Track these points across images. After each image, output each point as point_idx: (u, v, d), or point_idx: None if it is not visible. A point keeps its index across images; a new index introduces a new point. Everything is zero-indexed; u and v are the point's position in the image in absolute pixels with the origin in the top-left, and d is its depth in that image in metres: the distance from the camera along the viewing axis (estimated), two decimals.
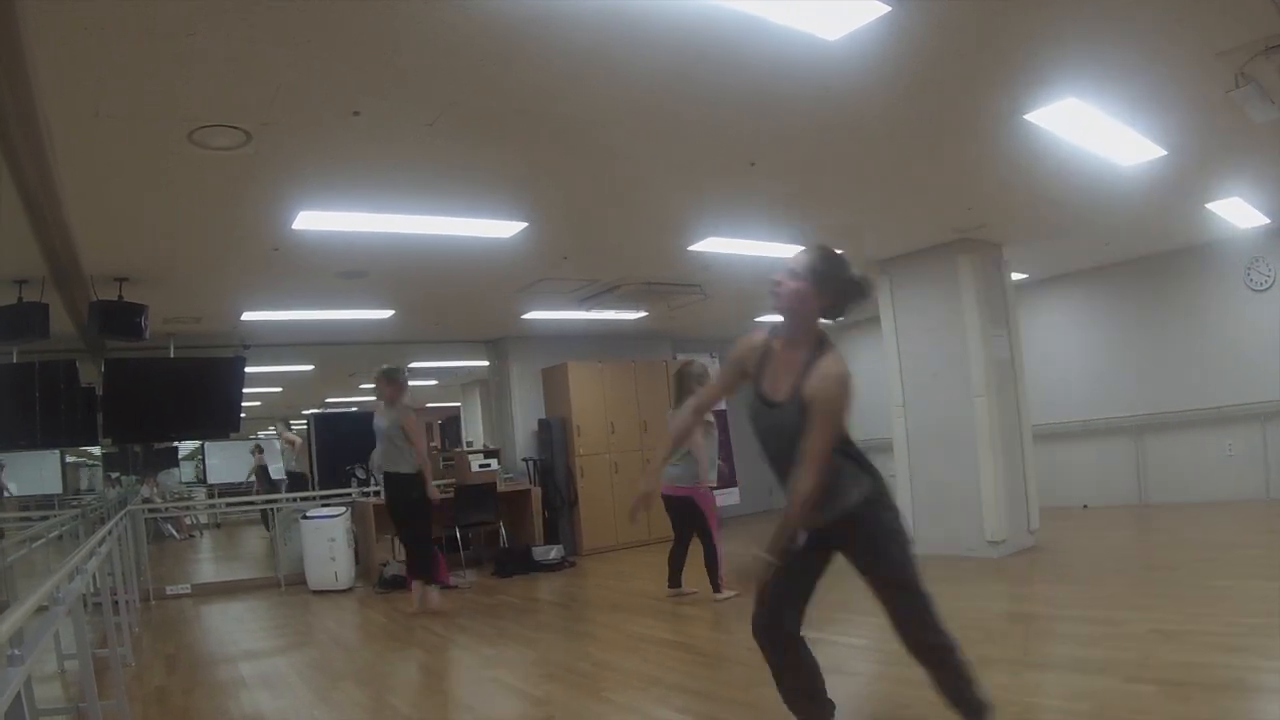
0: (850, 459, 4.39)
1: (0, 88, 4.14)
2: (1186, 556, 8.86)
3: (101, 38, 4.01)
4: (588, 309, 12.06)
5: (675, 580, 9.54)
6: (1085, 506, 13.02)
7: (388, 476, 9.52)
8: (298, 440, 17.20)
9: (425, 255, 8.55)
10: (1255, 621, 6.03)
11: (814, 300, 4.29)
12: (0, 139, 4.73)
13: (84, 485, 14.72)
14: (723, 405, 16.45)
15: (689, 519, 9.35)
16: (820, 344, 4.32)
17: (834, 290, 4.35)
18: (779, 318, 4.31)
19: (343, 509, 12.14)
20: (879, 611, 4.44)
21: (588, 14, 4.27)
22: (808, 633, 4.35)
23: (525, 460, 14.40)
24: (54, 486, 13.30)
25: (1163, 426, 12.42)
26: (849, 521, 4.29)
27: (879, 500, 4.43)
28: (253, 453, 18.77)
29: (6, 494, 12.07)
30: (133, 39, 4.06)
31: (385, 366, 9.67)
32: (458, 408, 22.82)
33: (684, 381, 9.13)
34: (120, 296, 8.36)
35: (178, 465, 17.77)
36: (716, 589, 9.03)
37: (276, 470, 18.12)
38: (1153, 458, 12.61)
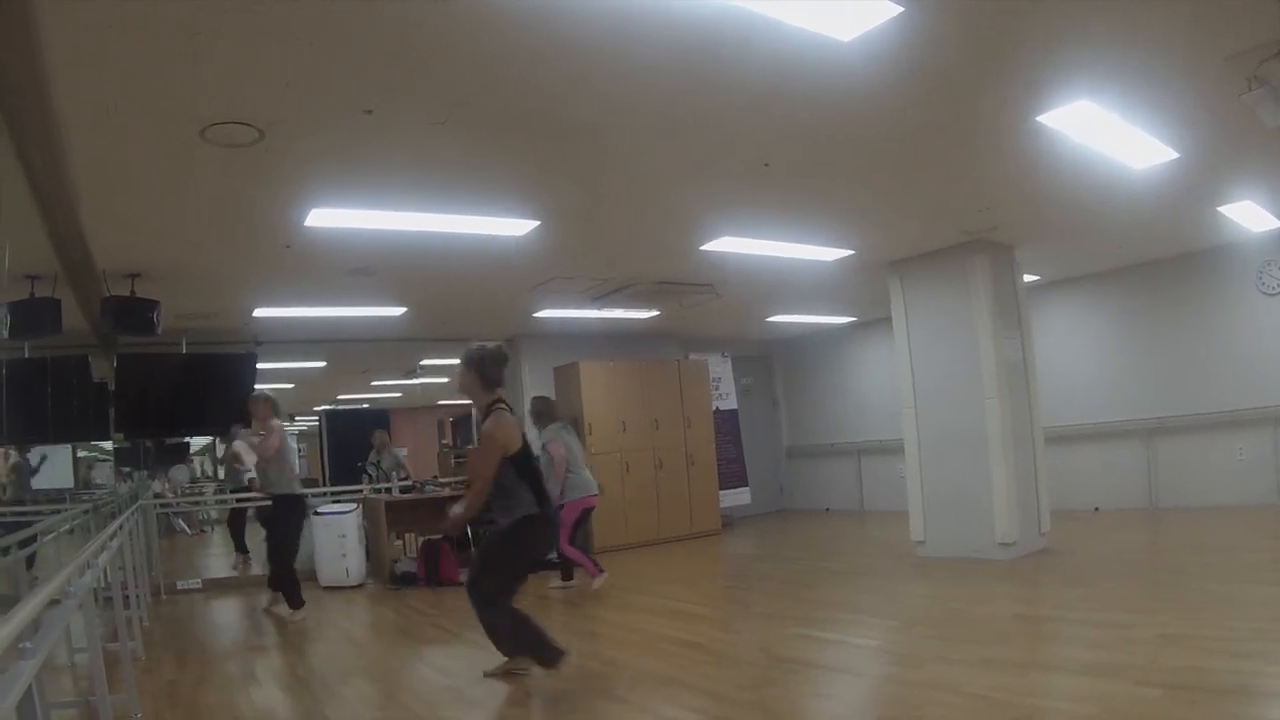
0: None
1: (14, 86, 4.16)
2: (1196, 560, 8.84)
3: (114, 36, 4.02)
4: (599, 308, 12.07)
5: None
6: (1096, 509, 12.99)
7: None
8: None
9: (437, 253, 8.56)
10: (1262, 626, 6.02)
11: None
12: (14, 137, 4.75)
13: (95, 480, 14.74)
14: (734, 406, 16.49)
15: None
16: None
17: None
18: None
19: (354, 505, 12.17)
20: (889, 613, 4.46)
21: (600, 13, 4.27)
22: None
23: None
24: (65, 481, 13.33)
25: (1174, 430, 12.39)
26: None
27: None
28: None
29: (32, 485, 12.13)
30: (145, 37, 4.07)
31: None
32: (469, 405, 22.82)
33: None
34: (133, 292, 8.38)
35: (188, 461, 17.73)
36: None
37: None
38: (1163, 461, 12.58)
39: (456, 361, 6.82)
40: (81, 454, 14.13)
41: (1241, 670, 5.14)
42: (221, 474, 20.72)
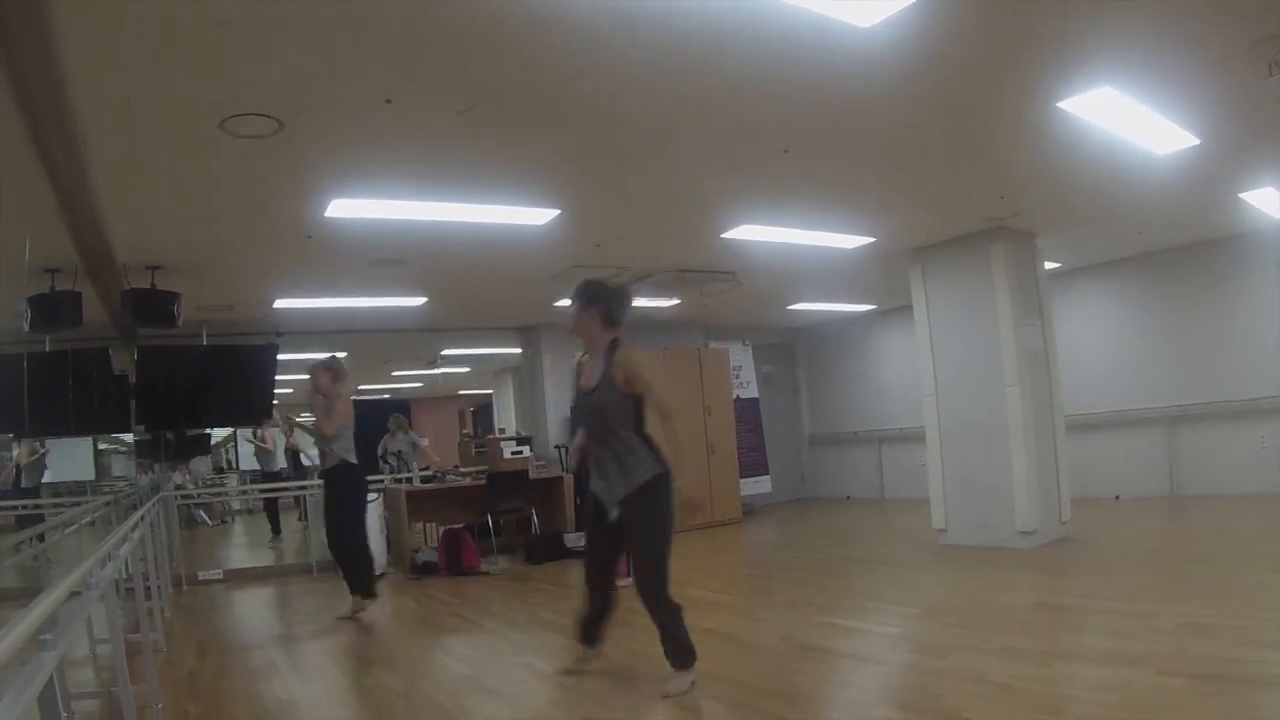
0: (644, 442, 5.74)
1: (33, 79, 4.16)
2: (1218, 549, 8.80)
3: (133, 28, 4.02)
4: None
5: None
6: (1117, 498, 12.95)
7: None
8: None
9: (458, 243, 8.57)
10: None
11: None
12: (34, 130, 4.75)
13: (116, 472, 14.80)
14: (755, 394, 16.48)
15: None
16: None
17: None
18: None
19: (375, 495, 12.19)
20: (911, 601, 4.47)
21: (619, 1, 4.26)
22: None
23: (557, 447, 14.41)
24: (87, 473, 13.37)
25: (1195, 418, 12.34)
26: (636, 496, 5.68)
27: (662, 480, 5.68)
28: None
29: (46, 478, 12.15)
30: (164, 29, 4.07)
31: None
32: (490, 395, 22.90)
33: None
34: (153, 285, 8.41)
35: (209, 452, 17.80)
36: None
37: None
38: (1185, 449, 12.52)
39: (472, 353, 6.81)
40: (102, 446, 14.17)
41: (1266, 660, 5.12)
42: (242, 465, 20.83)
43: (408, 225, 7.81)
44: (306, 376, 9.10)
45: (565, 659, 6.40)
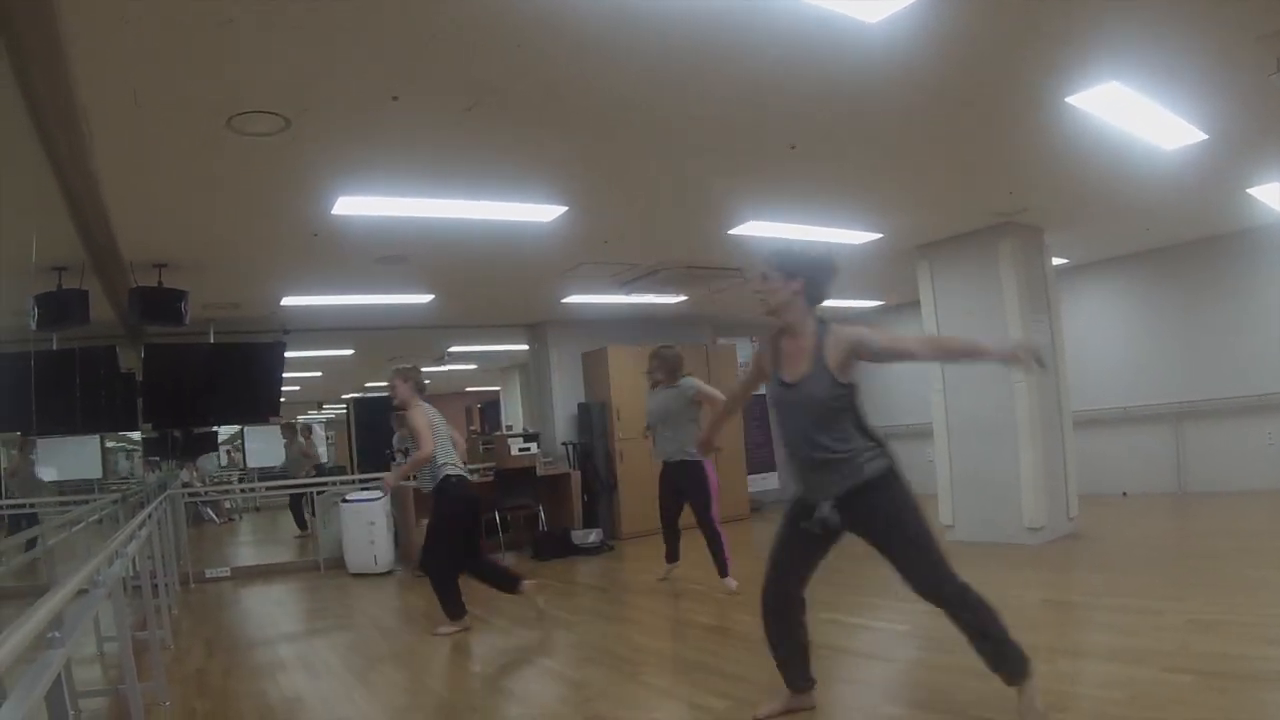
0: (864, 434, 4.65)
1: (39, 77, 4.16)
2: (1225, 546, 8.79)
3: (139, 26, 4.02)
4: (628, 293, 12.06)
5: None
6: (1124, 494, 12.93)
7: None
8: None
9: (465, 240, 8.57)
10: None
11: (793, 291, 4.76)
12: (40, 127, 4.75)
13: (123, 470, 14.82)
14: (762, 390, 16.47)
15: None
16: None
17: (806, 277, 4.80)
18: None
19: (381, 492, 12.20)
20: (917, 598, 4.45)
21: None
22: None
23: (565, 444, 14.44)
24: (94, 471, 13.40)
25: (1203, 414, 12.32)
26: (864, 492, 4.61)
27: (892, 472, 4.68)
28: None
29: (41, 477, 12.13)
30: (170, 26, 4.07)
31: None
32: (497, 392, 22.93)
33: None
34: (160, 282, 8.41)
35: (217, 450, 17.83)
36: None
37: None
38: (1192, 446, 12.50)
39: (479, 350, 6.78)
40: (109, 444, 14.20)
41: (1272, 656, 5.11)
42: (250, 462, 20.83)
43: (415, 222, 7.81)
44: (317, 374, 8.99)
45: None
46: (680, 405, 8.97)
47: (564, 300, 12.71)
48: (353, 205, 7.21)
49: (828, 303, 4.76)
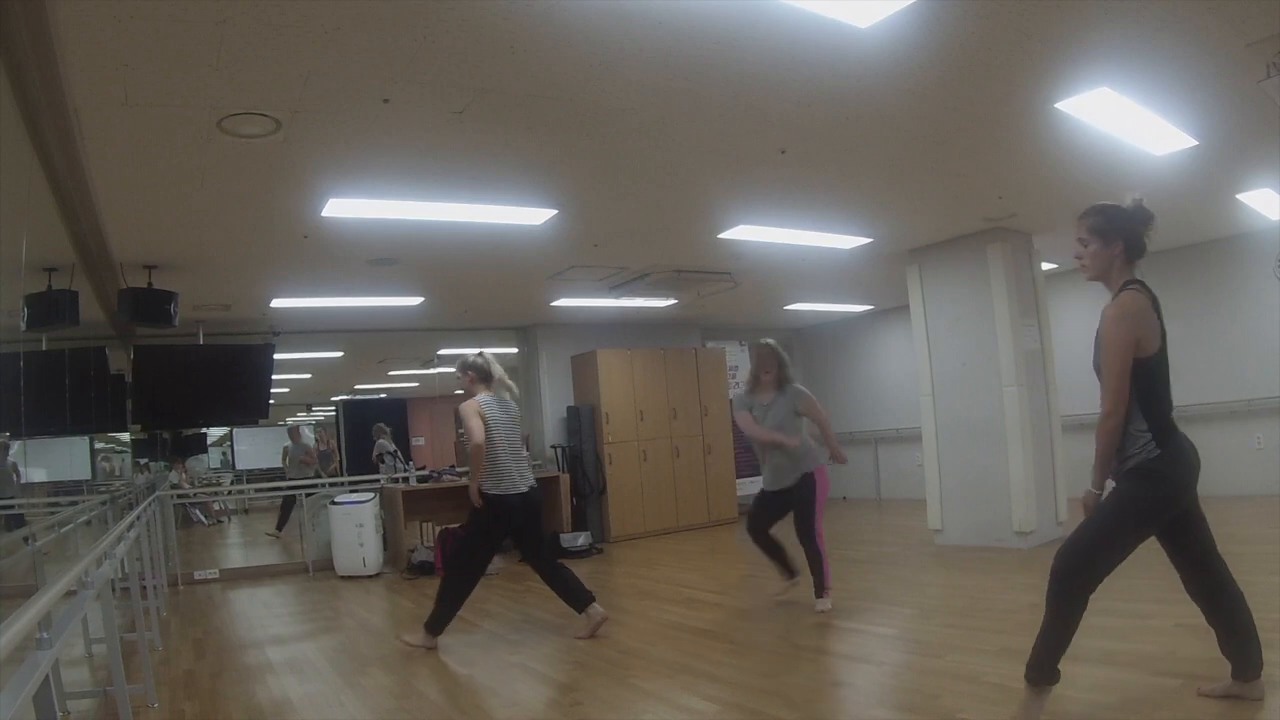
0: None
1: (30, 76, 4.16)
2: None
3: (131, 26, 4.02)
4: (617, 296, 12.08)
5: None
6: None
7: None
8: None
9: (455, 243, 8.58)
10: None
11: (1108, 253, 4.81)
12: (30, 127, 4.76)
13: (113, 471, 14.78)
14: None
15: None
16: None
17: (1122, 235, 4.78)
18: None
19: (371, 494, 12.20)
20: (907, 601, 4.47)
21: (617, 1, 4.26)
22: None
23: (554, 447, 14.46)
24: (83, 473, 13.37)
25: (1190, 418, 12.28)
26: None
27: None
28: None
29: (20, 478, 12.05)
30: (162, 27, 4.07)
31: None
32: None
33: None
34: (150, 284, 8.42)
35: (206, 451, 17.77)
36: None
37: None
38: None
39: (469, 352, 6.75)
40: (99, 445, 14.17)
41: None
42: (238, 464, 20.76)
43: (405, 225, 7.81)
44: (306, 376, 8.86)
45: None
46: (789, 416, 7.92)
47: (554, 303, 12.73)
48: (343, 207, 7.21)
49: (817, 306, 4.71)
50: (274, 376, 11.73)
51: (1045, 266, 11.44)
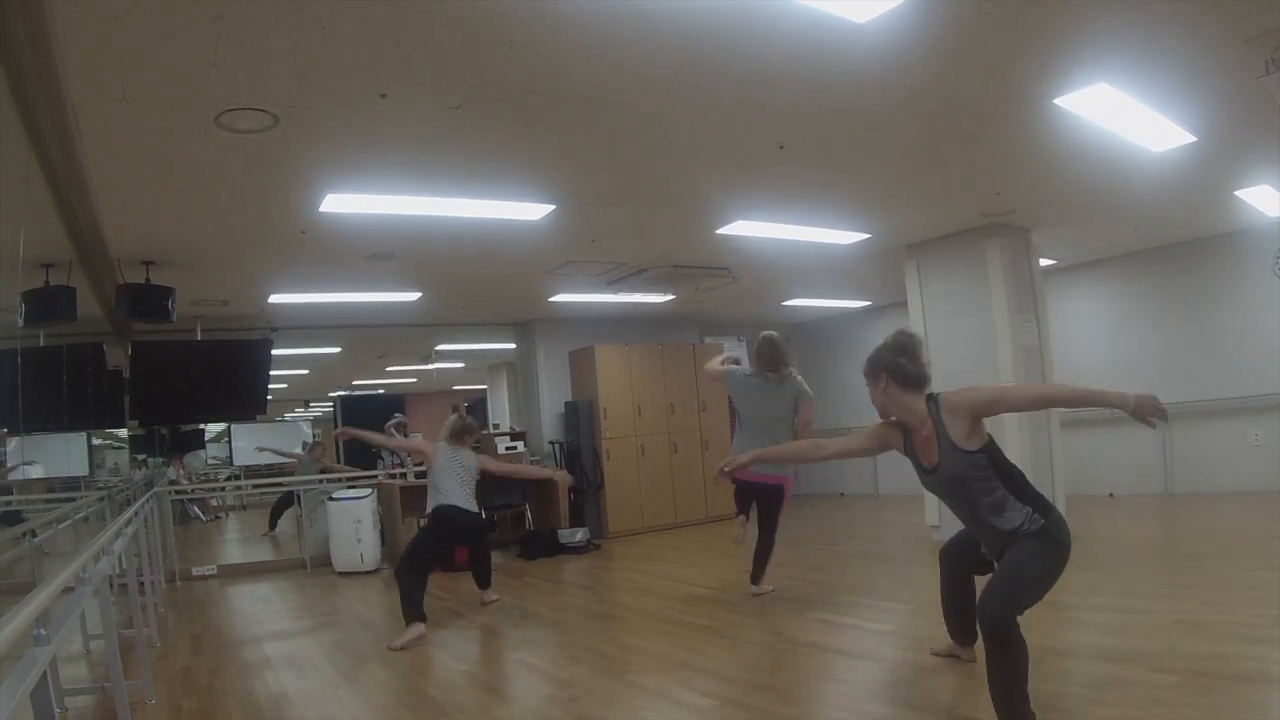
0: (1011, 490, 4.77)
1: (27, 71, 4.15)
2: (1212, 546, 8.81)
3: (128, 21, 4.01)
4: (615, 292, 12.06)
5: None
6: (1111, 495, 12.95)
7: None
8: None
9: (453, 238, 8.56)
10: None
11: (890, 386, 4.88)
12: (27, 122, 4.75)
13: (111, 467, 14.77)
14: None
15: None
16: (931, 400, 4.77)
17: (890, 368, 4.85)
18: None
19: (369, 490, 12.20)
20: (905, 597, 4.46)
21: None
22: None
23: (552, 443, 14.47)
24: (80, 469, 13.36)
25: (1189, 415, 12.33)
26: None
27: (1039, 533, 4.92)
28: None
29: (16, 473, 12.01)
30: (159, 22, 4.06)
31: None
32: (484, 390, 22.89)
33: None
34: (147, 279, 8.40)
35: (204, 447, 17.77)
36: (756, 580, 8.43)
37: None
38: (1178, 447, 12.52)
39: (467, 348, 6.75)
40: (96, 441, 14.16)
41: (1257, 656, 5.13)
42: (234, 460, 20.76)
43: (402, 220, 7.79)
44: (304, 372, 8.92)
45: None
46: (780, 404, 8.33)
47: (551, 299, 12.72)
48: (341, 203, 7.19)
49: (815, 301, 4.76)
50: (272, 372, 11.72)
51: (1043, 262, 11.44)
